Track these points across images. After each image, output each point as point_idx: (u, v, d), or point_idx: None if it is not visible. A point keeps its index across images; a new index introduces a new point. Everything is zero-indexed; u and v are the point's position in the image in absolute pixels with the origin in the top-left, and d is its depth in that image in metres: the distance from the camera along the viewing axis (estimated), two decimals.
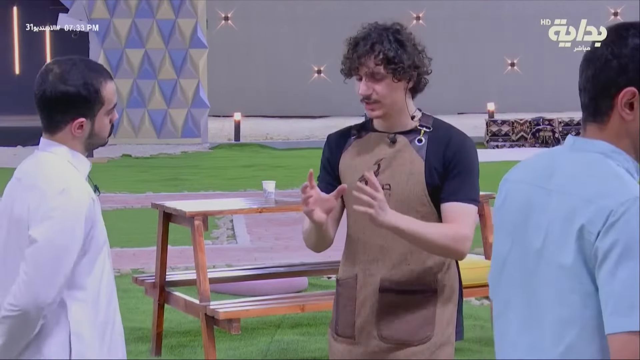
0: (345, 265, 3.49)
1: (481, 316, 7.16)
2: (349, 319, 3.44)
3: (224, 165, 17.00)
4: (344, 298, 3.47)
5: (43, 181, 3.05)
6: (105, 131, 3.16)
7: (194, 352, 6.41)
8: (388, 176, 3.38)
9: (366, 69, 3.36)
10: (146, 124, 20.21)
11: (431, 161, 3.35)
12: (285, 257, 9.17)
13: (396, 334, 3.38)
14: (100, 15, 20.04)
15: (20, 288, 2.97)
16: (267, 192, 6.48)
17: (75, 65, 3.09)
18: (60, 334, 3.04)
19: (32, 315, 2.97)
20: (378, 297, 3.38)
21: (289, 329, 6.92)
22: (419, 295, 3.38)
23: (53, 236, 2.97)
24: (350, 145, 3.48)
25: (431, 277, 3.39)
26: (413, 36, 3.41)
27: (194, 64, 20.17)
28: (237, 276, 6.97)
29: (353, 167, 3.44)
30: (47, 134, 3.13)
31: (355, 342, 3.43)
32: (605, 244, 2.05)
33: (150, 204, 6.78)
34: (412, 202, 3.35)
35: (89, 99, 3.06)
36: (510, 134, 19.79)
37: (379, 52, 3.33)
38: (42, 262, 2.97)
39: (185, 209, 6.08)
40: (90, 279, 3.06)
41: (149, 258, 8.29)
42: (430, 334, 3.39)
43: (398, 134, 3.41)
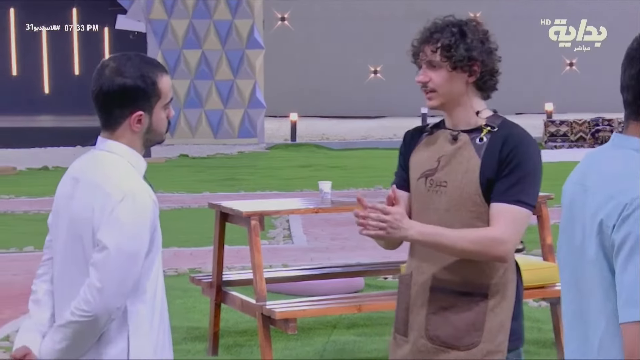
0: (407, 263, 3.48)
1: (539, 318, 7.09)
2: (404, 316, 3.43)
3: (280, 165, 17.04)
4: (401, 295, 3.46)
5: (106, 183, 3.03)
6: (162, 126, 3.13)
7: (251, 352, 6.43)
8: (445, 173, 3.35)
9: (424, 57, 3.36)
10: (203, 124, 20.32)
11: (487, 161, 3.30)
12: (341, 258, 9.16)
13: (443, 336, 3.33)
14: (158, 15, 20.19)
15: (92, 294, 2.97)
16: (323, 192, 6.47)
17: (130, 60, 3.09)
18: (121, 337, 3.06)
19: (102, 320, 2.99)
20: (428, 295, 3.35)
21: (346, 330, 6.91)
22: (468, 297, 3.32)
23: (124, 243, 2.97)
24: (421, 142, 3.46)
25: (482, 280, 3.31)
26: (483, 32, 3.37)
27: (251, 64, 20.24)
28: (293, 276, 6.97)
29: (419, 163, 3.42)
30: (106, 131, 3.11)
31: (406, 339, 3.41)
32: (619, 237, 2.10)
33: (207, 204, 6.81)
34: (465, 201, 3.30)
35: (146, 91, 3.05)
36: (569, 134, 19.60)
37: (437, 41, 3.33)
38: (113, 269, 2.97)
39: (242, 209, 6.10)
40: (149, 282, 3.07)
41: (206, 258, 8.33)
42: (477, 340, 3.31)
43: (462, 132, 3.38)
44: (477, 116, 3.37)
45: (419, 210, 3.37)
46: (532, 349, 6.44)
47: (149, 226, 3.01)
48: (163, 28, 20.23)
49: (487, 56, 3.34)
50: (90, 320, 2.98)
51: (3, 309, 7.58)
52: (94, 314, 2.97)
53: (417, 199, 3.39)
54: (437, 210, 3.33)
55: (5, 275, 8.69)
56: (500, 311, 3.32)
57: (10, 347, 6.59)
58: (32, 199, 13.05)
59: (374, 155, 17.95)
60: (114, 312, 3.00)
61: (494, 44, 3.38)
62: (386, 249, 3.53)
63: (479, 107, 3.39)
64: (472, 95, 3.38)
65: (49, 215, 3.36)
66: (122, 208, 2.97)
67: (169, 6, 20.20)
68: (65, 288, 3.11)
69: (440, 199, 3.34)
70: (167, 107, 3.14)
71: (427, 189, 3.36)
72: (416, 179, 3.39)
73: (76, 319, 2.99)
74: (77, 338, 3.02)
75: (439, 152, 3.39)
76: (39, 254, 11.14)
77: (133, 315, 3.05)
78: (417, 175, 3.39)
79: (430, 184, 3.36)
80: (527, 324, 6.91)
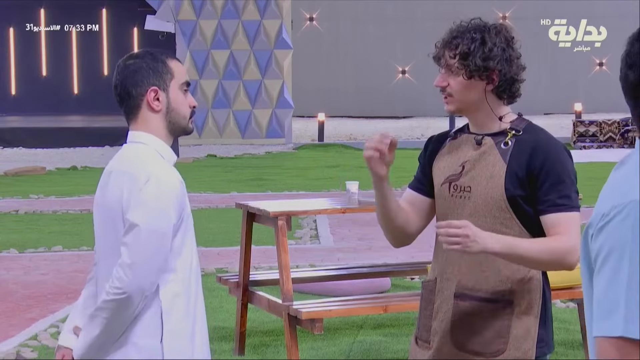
0: (431, 268, 3.46)
1: (566, 319, 7.06)
2: (427, 323, 3.40)
3: (308, 165, 17.05)
4: (424, 301, 3.43)
5: (132, 167, 3.14)
6: (184, 108, 3.22)
7: (277, 352, 6.44)
8: (470, 178, 3.32)
9: (444, 61, 3.34)
10: (231, 125, 20.36)
11: (513, 167, 3.26)
12: (368, 258, 9.15)
13: (469, 344, 3.30)
14: (187, 16, 20.26)
15: (125, 271, 3.03)
16: (350, 193, 6.47)
17: (142, 49, 3.34)
18: (154, 320, 3.09)
19: (135, 298, 3.03)
20: (453, 302, 3.32)
21: (372, 330, 6.91)
22: (493, 304, 3.28)
23: (151, 220, 3.05)
24: (445, 147, 3.43)
25: (507, 287, 3.28)
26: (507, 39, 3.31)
27: (279, 64, 20.27)
28: (320, 276, 6.97)
29: (442, 168, 3.39)
30: (131, 122, 3.24)
31: (430, 347, 3.38)
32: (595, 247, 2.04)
33: (235, 203, 6.83)
34: (490, 207, 3.27)
35: (156, 67, 3.20)
36: (598, 134, 19.49)
37: (456, 46, 3.30)
38: (143, 246, 3.04)
39: (269, 209, 6.10)
40: (180, 261, 3.12)
41: (233, 258, 8.35)
42: (502, 347, 3.27)
43: (486, 136, 3.34)
44: (500, 120, 3.34)
45: (443, 215, 3.35)
46: (560, 350, 6.41)
47: (176, 205, 3.10)
48: (192, 28, 20.29)
49: (507, 65, 3.28)
50: (124, 297, 3.02)
51: (31, 309, 7.62)
52: (127, 291, 3.02)
53: (440, 205, 3.37)
54: (461, 216, 3.29)
55: (34, 275, 8.74)
56: (527, 318, 3.28)
57: (38, 346, 6.63)
58: (61, 199, 13.12)
59: (402, 155, 17.85)
60: (147, 289, 3.04)
61: (516, 52, 3.32)
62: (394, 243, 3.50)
63: (502, 112, 3.34)
64: (492, 101, 3.33)
65: (77, 215, 3.41)
66: (148, 188, 3.07)
67: (197, 7, 20.26)
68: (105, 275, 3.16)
69: (464, 204, 3.31)
70: (185, 91, 3.24)
71: (451, 195, 3.33)
72: (440, 185, 3.36)
73: (110, 298, 3.04)
74: (112, 318, 3.06)
75: (463, 157, 3.36)
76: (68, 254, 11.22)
77: (166, 293, 3.09)
78: (441, 180, 3.37)
79: (454, 189, 3.33)
80: (555, 325, 6.88)
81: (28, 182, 14.83)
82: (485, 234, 3.14)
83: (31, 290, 8.18)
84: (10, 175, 15.64)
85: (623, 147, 19.10)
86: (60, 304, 7.70)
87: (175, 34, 20.38)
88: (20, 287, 8.27)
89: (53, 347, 6.59)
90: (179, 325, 3.10)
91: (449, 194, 3.34)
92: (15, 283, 8.42)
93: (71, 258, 9.36)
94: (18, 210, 12.19)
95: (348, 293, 6.92)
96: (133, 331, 3.09)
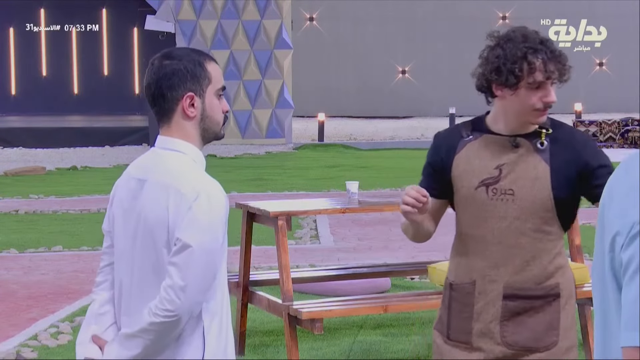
0: (459, 270, 3.45)
1: None
2: (465, 325, 3.42)
3: (308, 165, 17.05)
4: (459, 303, 3.43)
5: (177, 182, 2.99)
6: (218, 114, 3.10)
7: (277, 352, 6.44)
8: (511, 181, 3.35)
9: (555, 75, 3.34)
10: (231, 125, 20.37)
11: (558, 166, 3.34)
12: (368, 258, 9.15)
13: (522, 340, 3.36)
14: (187, 16, 20.26)
15: (177, 293, 2.92)
16: (350, 193, 6.47)
17: (178, 48, 3.15)
18: (196, 335, 3.02)
19: (184, 319, 2.95)
20: (502, 304, 3.36)
21: (372, 330, 6.91)
22: (542, 300, 3.37)
23: (204, 240, 2.94)
24: (465, 148, 3.43)
25: (553, 281, 3.38)
26: None
27: (279, 64, 20.27)
28: (320, 276, 6.97)
29: (471, 171, 3.40)
30: (164, 125, 3.08)
31: (472, 348, 3.41)
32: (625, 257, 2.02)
33: (235, 203, 6.82)
34: (536, 208, 3.34)
35: (195, 72, 3.04)
36: (598, 134, 19.50)
37: (559, 61, 3.35)
38: (196, 267, 2.93)
39: (269, 209, 6.10)
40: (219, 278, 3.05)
41: (233, 257, 8.35)
42: (555, 339, 3.38)
43: (520, 137, 3.38)
44: None
45: (480, 218, 3.37)
46: None
47: (224, 222, 3.01)
48: (192, 28, 20.29)
49: None
50: (175, 320, 2.93)
51: (31, 309, 7.62)
52: (178, 313, 2.92)
53: (475, 208, 3.38)
54: (505, 219, 3.35)
55: (34, 275, 8.75)
56: (570, 308, 3.41)
57: (38, 346, 6.63)
58: (61, 199, 13.12)
59: (402, 156, 17.92)
60: (195, 310, 2.97)
61: None
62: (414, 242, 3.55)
63: None
64: None
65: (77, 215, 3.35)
66: (198, 206, 2.95)
67: (197, 7, 20.26)
68: (134, 290, 3.05)
69: (507, 207, 3.35)
70: (220, 96, 3.11)
71: (490, 198, 3.36)
72: (473, 188, 3.37)
73: (160, 320, 2.93)
74: (158, 339, 2.97)
75: (497, 159, 3.37)
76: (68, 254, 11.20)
77: (207, 312, 3.02)
78: (473, 183, 3.38)
79: (493, 192, 3.36)
80: None
81: (28, 182, 14.83)
82: None
83: (31, 290, 8.18)
84: (10, 175, 15.64)
85: (623, 147, 19.10)
86: (60, 304, 7.70)
87: (175, 34, 20.38)
88: (21, 287, 8.27)
89: (53, 347, 6.59)
90: (217, 344, 3.06)
91: (488, 197, 3.36)
92: (16, 283, 8.42)
93: (71, 258, 9.36)
94: (18, 211, 12.18)
95: (348, 293, 6.92)
96: (177, 352, 3.01)
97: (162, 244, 2.98)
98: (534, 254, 3.34)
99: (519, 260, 3.35)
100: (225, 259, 3.08)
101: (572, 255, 6.32)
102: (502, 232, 3.34)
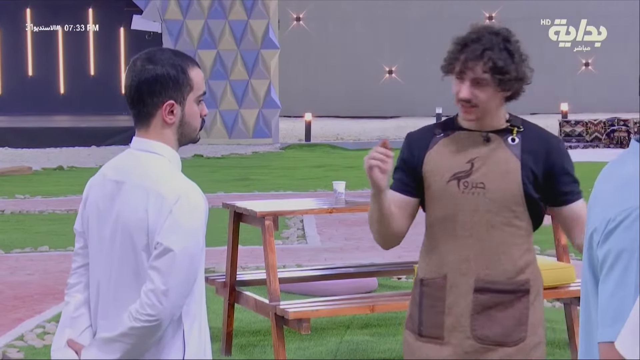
0: (430, 265, 3.46)
1: (553, 318, 7.08)
2: (437, 319, 3.43)
3: (295, 165, 17.05)
4: (430, 298, 3.45)
5: (154, 183, 2.97)
6: (196, 121, 3.07)
7: (264, 352, 6.44)
8: (482, 175, 3.38)
9: (472, 74, 3.34)
10: (218, 124, 20.35)
11: (527, 162, 3.38)
12: (355, 258, 9.16)
13: (491, 335, 3.39)
14: (174, 16, 20.23)
15: (159, 298, 2.90)
16: (337, 193, 6.47)
17: (161, 50, 3.07)
18: (177, 337, 3.00)
19: (165, 323, 2.93)
20: (472, 297, 3.38)
21: (359, 330, 6.91)
22: (512, 295, 3.40)
23: (187, 244, 2.92)
24: (436, 144, 3.45)
25: (523, 277, 3.41)
26: (519, 44, 3.41)
27: (266, 64, 20.26)
28: (307, 276, 6.97)
29: (442, 166, 3.42)
30: (141, 128, 3.05)
31: (443, 342, 3.43)
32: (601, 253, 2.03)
33: (222, 203, 6.83)
34: (507, 202, 3.37)
35: (177, 79, 3.00)
36: (584, 134, 19.55)
37: (489, 60, 3.31)
38: (179, 272, 2.91)
39: (256, 209, 6.10)
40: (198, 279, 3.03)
41: (220, 258, 8.34)
42: (524, 334, 3.40)
43: (491, 133, 3.41)
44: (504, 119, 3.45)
45: (451, 212, 3.39)
46: (547, 350, 6.40)
47: (204, 225, 2.99)
48: (178, 28, 20.26)
49: (525, 72, 3.40)
50: (156, 324, 2.91)
51: (18, 309, 7.60)
52: (160, 318, 2.90)
53: (447, 201, 3.40)
54: (476, 212, 3.37)
55: (20, 275, 8.72)
56: (538, 304, 3.44)
57: (25, 346, 6.62)
58: (47, 199, 13.09)
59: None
60: (176, 314, 2.94)
61: (525, 55, 3.42)
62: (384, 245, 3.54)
63: (504, 111, 3.46)
64: (503, 103, 3.44)
65: (64, 215, 3.32)
66: (179, 209, 2.92)
67: (184, 6, 20.24)
68: (112, 293, 3.02)
69: (478, 200, 3.37)
70: (200, 102, 3.07)
71: (462, 191, 3.38)
72: (445, 182, 3.39)
73: (141, 325, 2.91)
74: (138, 344, 2.95)
75: (469, 154, 3.40)
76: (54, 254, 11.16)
77: (187, 315, 3.00)
78: (445, 178, 3.40)
79: (464, 186, 3.38)
80: None
81: (14, 182, 14.79)
82: None
83: (17, 290, 8.16)
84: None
85: (609, 147, 19.16)
86: (46, 304, 7.68)
87: (162, 34, 20.35)
88: (7, 288, 8.25)
89: (39, 347, 6.58)
90: (197, 346, 3.03)
91: (459, 190, 3.39)
92: (2, 283, 8.39)
93: (58, 258, 9.34)
94: (4, 211, 12.15)
95: (335, 293, 6.93)
96: (158, 355, 2.99)
97: (141, 247, 2.96)
98: (505, 248, 3.37)
99: (489, 253, 3.37)
100: (204, 261, 3.06)
101: (558, 255, 6.34)
102: (473, 226, 3.36)
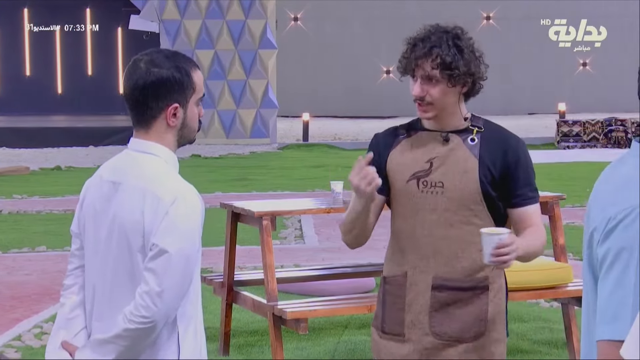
0: (391, 263, 3.52)
1: (551, 318, 7.08)
2: (398, 316, 3.48)
3: (293, 165, 17.05)
4: (391, 295, 3.50)
5: (151, 184, 2.96)
6: (195, 122, 3.06)
7: (262, 352, 6.44)
8: (441, 174, 3.42)
9: (422, 72, 3.40)
10: (215, 125, 20.35)
11: (485, 161, 3.41)
12: (352, 258, 9.15)
13: (450, 331, 3.43)
14: (171, 16, 20.23)
15: (154, 300, 2.88)
16: (335, 193, 6.48)
17: (162, 52, 3.04)
18: (172, 339, 2.99)
19: (160, 325, 2.91)
20: (430, 294, 3.43)
21: (357, 330, 6.92)
22: (470, 292, 3.43)
23: (183, 245, 2.90)
24: (399, 144, 3.51)
25: (482, 274, 3.44)
26: (472, 42, 3.44)
27: (264, 64, 20.26)
28: (304, 276, 6.98)
29: (403, 165, 3.47)
30: (141, 130, 3.02)
31: (404, 339, 3.47)
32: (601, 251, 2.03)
33: (219, 203, 6.82)
34: (465, 201, 3.40)
35: (182, 82, 2.97)
36: (582, 134, 19.55)
37: (437, 56, 3.37)
38: (174, 273, 2.89)
39: (254, 209, 6.10)
40: (194, 281, 3.02)
41: (218, 258, 8.34)
42: (483, 329, 3.44)
43: (450, 133, 3.45)
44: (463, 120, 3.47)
45: (411, 211, 3.44)
46: (544, 350, 6.43)
47: (200, 226, 2.97)
48: (176, 28, 20.26)
49: (479, 67, 3.43)
50: (151, 326, 2.89)
51: (15, 309, 7.60)
52: (154, 320, 2.89)
53: (407, 200, 3.45)
54: (435, 211, 3.41)
55: (17, 275, 8.72)
56: (499, 301, 3.47)
57: (22, 346, 6.61)
58: (44, 199, 13.08)
59: None
60: (171, 316, 2.93)
61: (479, 52, 3.45)
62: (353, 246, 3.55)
63: (465, 110, 3.49)
64: (460, 102, 3.46)
65: (61, 215, 3.30)
66: (175, 211, 2.91)
67: (182, 6, 20.23)
68: (107, 295, 3.01)
69: (437, 199, 3.41)
70: (199, 103, 3.06)
71: (421, 190, 3.43)
72: (405, 181, 3.44)
73: (135, 326, 2.89)
74: (132, 346, 2.93)
75: (428, 153, 3.44)
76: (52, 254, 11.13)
77: (183, 317, 2.98)
78: (405, 177, 3.45)
79: (424, 185, 3.42)
80: (539, 324, 6.90)
81: (12, 182, 14.77)
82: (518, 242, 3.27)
83: (15, 290, 8.16)
84: None
85: (607, 147, 19.17)
86: (44, 305, 7.67)
87: (160, 34, 20.34)
88: (4, 288, 8.24)
89: (37, 348, 6.57)
90: (192, 347, 3.02)
91: (419, 190, 3.43)
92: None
93: (55, 258, 9.33)
94: (1, 211, 12.14)
95: (333, 293, 6.93)
96: (153, 357, 2.97)
97: (137, 248, 2.94)
98: (463, 246, 3.40)
99: (448, 251, 3.41)
100: (200, 263, 3.04)
101: (555, 255, 6.34)
102: (432, 224, 3.41)
